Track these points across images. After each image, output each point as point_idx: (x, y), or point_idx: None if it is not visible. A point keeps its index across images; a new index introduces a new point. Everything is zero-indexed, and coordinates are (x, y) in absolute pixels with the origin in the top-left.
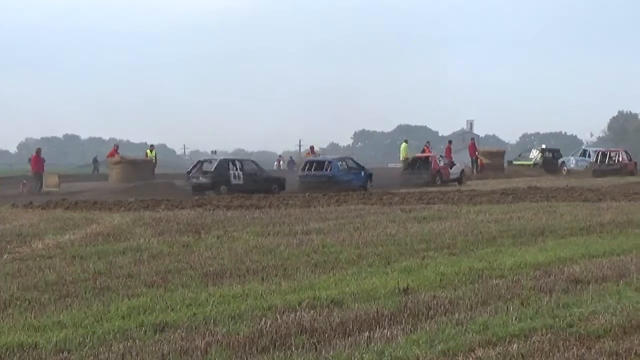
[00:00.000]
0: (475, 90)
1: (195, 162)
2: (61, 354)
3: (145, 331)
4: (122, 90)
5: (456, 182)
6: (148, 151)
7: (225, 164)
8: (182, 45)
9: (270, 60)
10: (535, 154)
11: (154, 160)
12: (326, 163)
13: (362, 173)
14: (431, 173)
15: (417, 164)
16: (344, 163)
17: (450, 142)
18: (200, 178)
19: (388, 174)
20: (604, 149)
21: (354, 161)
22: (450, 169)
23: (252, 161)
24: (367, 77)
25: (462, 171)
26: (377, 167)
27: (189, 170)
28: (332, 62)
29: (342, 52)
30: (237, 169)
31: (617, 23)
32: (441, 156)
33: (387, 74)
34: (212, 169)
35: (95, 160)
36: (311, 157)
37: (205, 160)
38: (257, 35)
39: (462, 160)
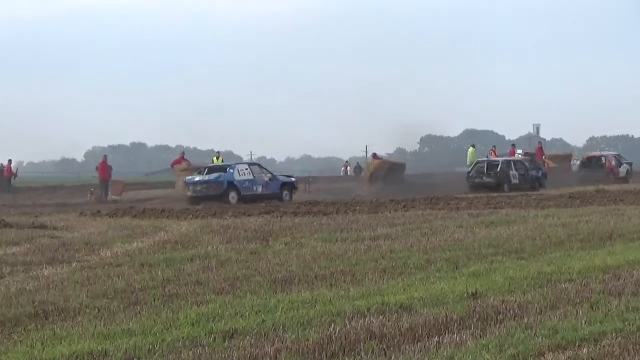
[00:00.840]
0: (542, 93)
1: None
2: None
3: (215, 338)
4: (188, 97)
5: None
6: (214, 158)
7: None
8: (246, 50)
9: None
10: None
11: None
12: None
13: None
14: (605, 171)
15: (592, 163)
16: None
17: (513, 145)
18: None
19: (454, 178)
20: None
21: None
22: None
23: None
24: (432, 82)
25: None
26: (443, 172)
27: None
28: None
29: (406, 57)
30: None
31: None
32: (616, 155)
33: (453, 78)
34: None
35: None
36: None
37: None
38: (321, 41)
39: None
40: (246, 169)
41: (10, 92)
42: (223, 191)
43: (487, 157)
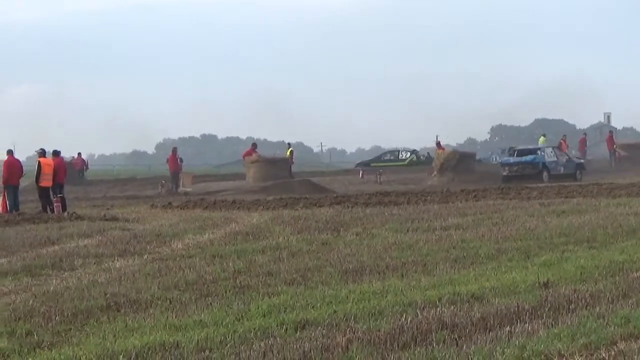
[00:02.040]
0: (613, 82)
1: None
2: (202, 353)
3: (286, 329)
4: (259, 88)
5: None
6: (288, 149)
7: None
8: (316, 41)
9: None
10: None
11: (291, 157)
12: None
13: None
14: None
15: None
16: None
17: (584, 134)
18: None
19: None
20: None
21: None
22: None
23: (558, 148)
24: (502, 70)
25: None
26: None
27: None
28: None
29: (476, 45)
30: None
31: None
32: None
33: (522, 68)
34: None
35: None
36: None
37: None
38: (385, 32)
39: (600, 153)
40: (551, 152)
41: (82, 85)
42: (538, 171)
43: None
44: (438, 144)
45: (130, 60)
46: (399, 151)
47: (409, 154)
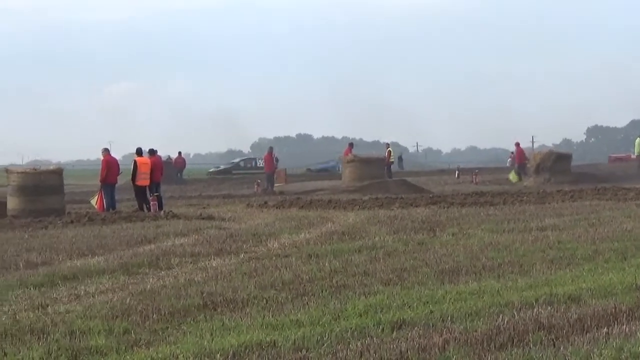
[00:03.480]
0: None
1: None
2: (299, 353)
3: (383, 329)
4: (353, 88)
5: None
6: (388, 149)
7: None
8: (411, 41)
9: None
10: None
11: (391, 158)
12: None
13: None
14: None
15: None
16: None
17: None
18: None
19: (621, 169)
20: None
21: None
22: None
23: None
24: (598, 71)
25: None
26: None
27: None
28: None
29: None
30: None
31: None
32: None
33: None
34: None
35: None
36: None
37: None
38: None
39: None
40: None
41: (179, 85)
42: None
43: None
44: (517, 144)
45: (226, 61)
46: None
47: None
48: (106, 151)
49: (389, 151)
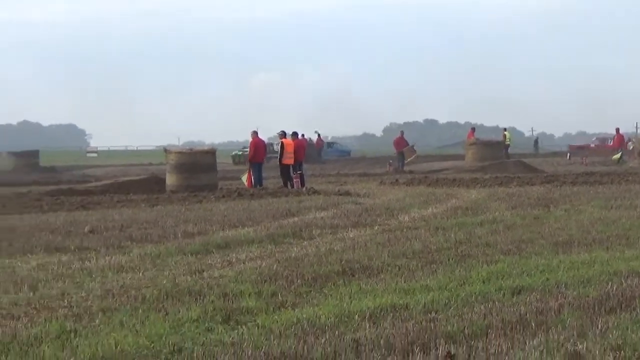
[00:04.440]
0: None
1: None
2: (429, 314)
3: (504, 294)
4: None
5: None
6: (505, 133)
7: None
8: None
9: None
10: None
11: (508, 142)
12: None
13: None
14: None
15: None
16: None
17: None
18: None
19: None
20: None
21: None
22: None
23: None
24: None
25: None
26: None
27: None
28: None
29: None
30: None
31: None
32: None
33: None
34: None
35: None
36: None
37: None
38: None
39: None
40: None
41: (315, 72)
42: None
43: None
44: (617, 130)
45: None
46: None
47: None
48: (254, 134)
49: (504, 135)
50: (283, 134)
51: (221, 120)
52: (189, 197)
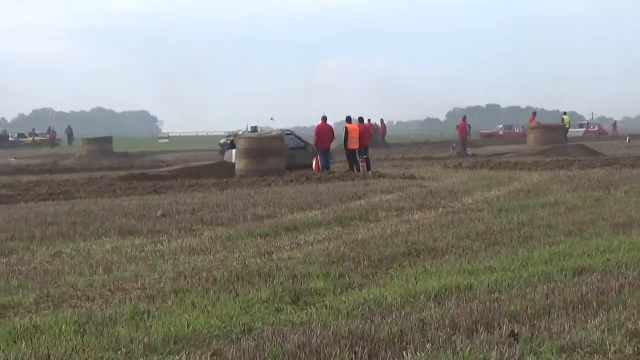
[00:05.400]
0: None
1: None
2: (493, 294)
3: (565, 274)
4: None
5: None
6: (564, 117)
7: None
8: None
9: None
10: None
11: (567, 126)
12: None
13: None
14: None
15: None
16: None
17: None
18: None
19: None
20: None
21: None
22: None
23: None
24: None
25: None
26: None
27: None
28: None
29: None
30: None
31: None
32: None
33: None
34: None
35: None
36: None
37: None
38: None
39: None
40: None
41: (378, 59)
42: None
43: None
44: None
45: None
46: None
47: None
48: (323, 119)
49: (562, 118)
50: (349, 119)
51: (288, 105)
52: (258, 181)
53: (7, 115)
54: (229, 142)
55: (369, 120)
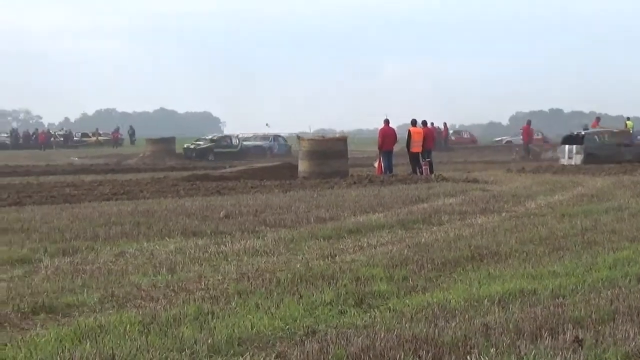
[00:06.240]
0: None
1: None
2: (557, 299)
3: (630, 280)
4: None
5: None
6: (627, 122)
7: None
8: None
9: None
10: None
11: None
12: None
13: None
14: None
15: None
16: None
17: None
18: None
19: None
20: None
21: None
22: None
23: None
24: None
25: None
26: None
27: None
28: None
29: None
30: None
31: None
32: None
33: None
34: None
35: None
36: None
37: None
38: None
39: None
40: None
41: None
42: None
43: None
44: None
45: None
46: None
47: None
48: (385, 122)
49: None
50: (413, 122)
51: (351, 108)
52: (321, 184)
53: (71, 115)
54: (195, 147)
55: (432, 123)
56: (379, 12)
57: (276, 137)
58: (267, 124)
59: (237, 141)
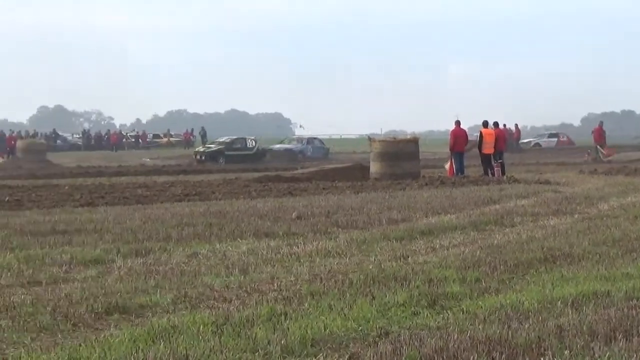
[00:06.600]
0: None
1: None
2: (631, 302)
3: None
4: None
5: None
6: None
7: None
8: None
9: None
10: None
11: None
12: None
13: None
14: None
15: None
16: None
17: None
18: None
19: None
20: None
21: None
22: None
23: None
24: None
25: None
26: None
27: None
28: None
29: None
30: None
31: None
32: None
33: None
34: None
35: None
36: None
37: None
38: None
39: None
40: None
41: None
42: None
43: None
44: None
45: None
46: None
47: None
48: (456, 123)
49: None
50: (485, 124)
51: (422, 109)
52: (392, 185)
53: (142, 116)
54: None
55: (504, 125)
56: (450, 13)
57: (311, 140)
58: (300, 126)
59: (254, 143)
